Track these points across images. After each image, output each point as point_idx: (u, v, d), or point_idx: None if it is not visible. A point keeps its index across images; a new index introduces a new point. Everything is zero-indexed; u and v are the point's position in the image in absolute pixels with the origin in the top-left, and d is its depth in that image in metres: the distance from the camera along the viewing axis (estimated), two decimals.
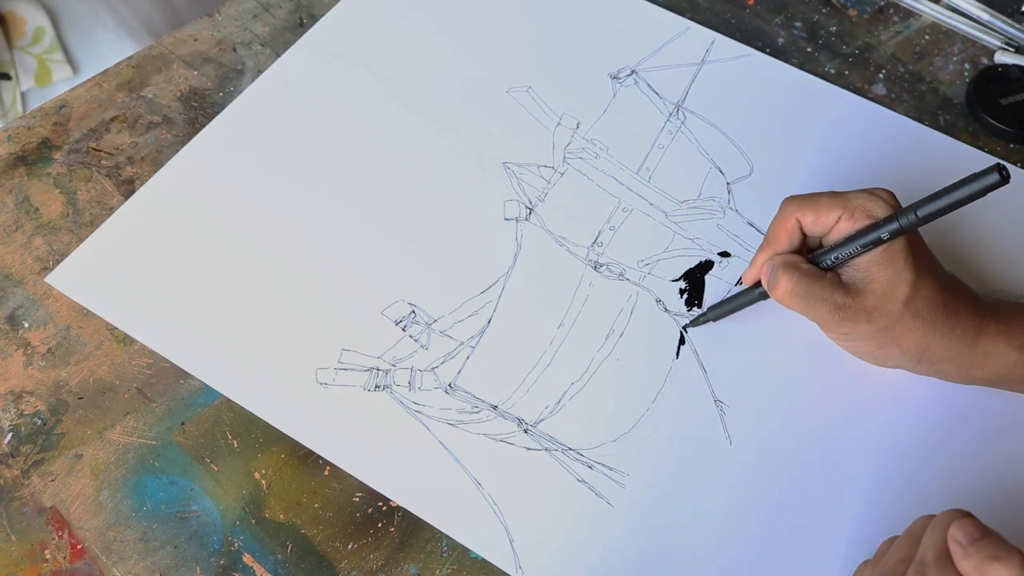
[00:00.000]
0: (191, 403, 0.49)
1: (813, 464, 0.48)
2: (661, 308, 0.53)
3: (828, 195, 0.46)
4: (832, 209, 0.45)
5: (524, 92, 0.61)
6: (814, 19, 0.65)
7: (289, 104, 0.60)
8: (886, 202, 0.44)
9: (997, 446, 0.48)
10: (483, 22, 0.64)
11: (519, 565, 0.45)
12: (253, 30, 0.64)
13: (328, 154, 0.58)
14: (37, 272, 0.53)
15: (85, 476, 0.47)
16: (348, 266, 0.54)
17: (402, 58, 0.62)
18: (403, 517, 0.47)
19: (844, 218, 0.45)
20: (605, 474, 0.48)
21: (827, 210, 0.45)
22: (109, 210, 0.55)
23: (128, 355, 0.51)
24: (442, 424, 0.49)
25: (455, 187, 0.57)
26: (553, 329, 0.52)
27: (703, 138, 0.59)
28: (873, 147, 0.59)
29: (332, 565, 0.45)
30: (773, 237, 0.47)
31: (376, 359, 0.50)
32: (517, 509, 0.46)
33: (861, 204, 0.45)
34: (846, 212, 0.45)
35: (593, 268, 0.54)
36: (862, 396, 0.50)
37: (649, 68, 0.62)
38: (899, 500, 0.47)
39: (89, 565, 0.45)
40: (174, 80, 0.61)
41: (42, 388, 0.50)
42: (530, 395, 0.50)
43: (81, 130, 0.59)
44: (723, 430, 0.49)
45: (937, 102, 0.61)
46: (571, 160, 0.58)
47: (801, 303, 0.45)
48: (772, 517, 0.47)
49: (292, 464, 0.48)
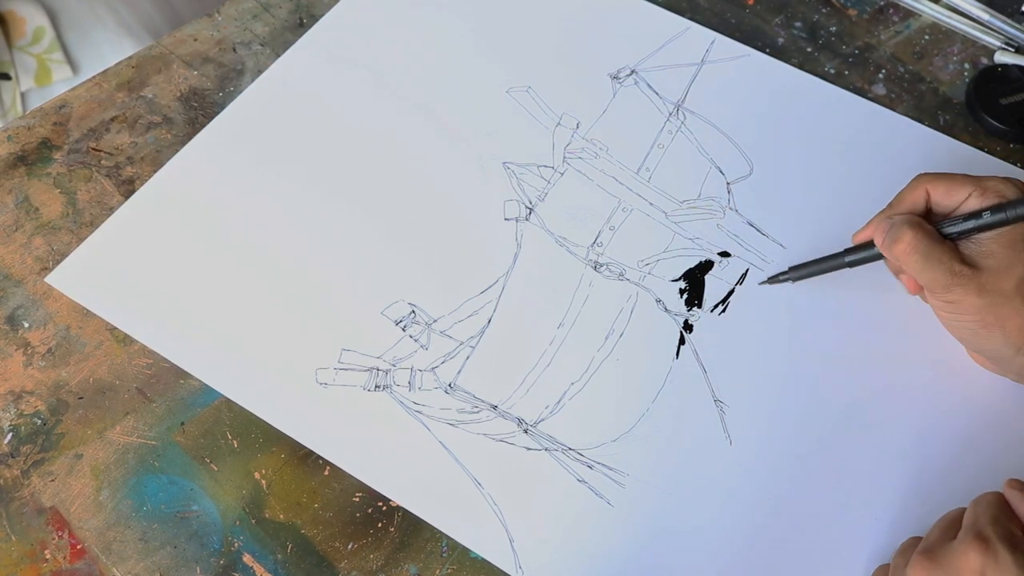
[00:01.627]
0: (191, 403, 0.49)
1: (813, 464, 0.48)
2: (661, 308, 0.53)
3: (963, 175, 0.47)
4: (965, 186, 0.46)
5: (524, 92, 0.61)
6: (814, 19, 0.65)
7: (289, 104, 0.60)
8: (1019, 187, 0.45)
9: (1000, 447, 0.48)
10: (483, 22, 0.64)
11: (519, 565, 0.45)
12: (253, 30, 0.64)
13: (328, 154, 0.58)
14: (37, 272, 0.53)
15: (85, 476, 0.47)
16: (348, 266, 0.54)
17: (402, 58, 0.62)
18: (403, 517, 0.47)
19: (975, 195, 0.45)
20: (605, 474, 0.48)
21: (960, 185, 0.46)
22: (109, 210, 0.55)
23: (128, 355, 0.51)
24: (442, 424, 0.49)
25: (455, 187, 0.57)
26: (553, 329, 0.52)
27: (703, 138, 0.59)
28: (873, 147, 0.58)
29: (332, 565, 0.45)
30: (897, 202, 0.48)
31: (376, 359, 0.50)
32: (517, 509, 0.46)
33: (994, 186, 0.45)
34: (977, 190, 0.45)
35: (593, 268, 0.54)
36: (862, 396, 0.50)
37: (649, 68, 0.62)
38: (900, 500, 0.47)
39: (89, 565, 0.45)
40: (174, 80, 0.61)
41: (42, 388, 0.50)
42: (530, 395, 0.50)
43: (81, 130, 0.59)
44: (723, 430, 0.49)
45: (937, 102, 0.61)
46: (571, 160, 0.58)
47: (919, 261, 0.45)
48: (772, 517, 0.47)
49: (292, 464, 0.48)
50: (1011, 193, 0.45)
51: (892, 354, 0.51)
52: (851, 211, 0.55)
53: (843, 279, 0.53)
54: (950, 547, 0.38)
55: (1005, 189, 0.45)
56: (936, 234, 0.46)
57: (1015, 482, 0.40)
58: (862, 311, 0.52)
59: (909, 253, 0.45)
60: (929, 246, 0.45)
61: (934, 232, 0.46)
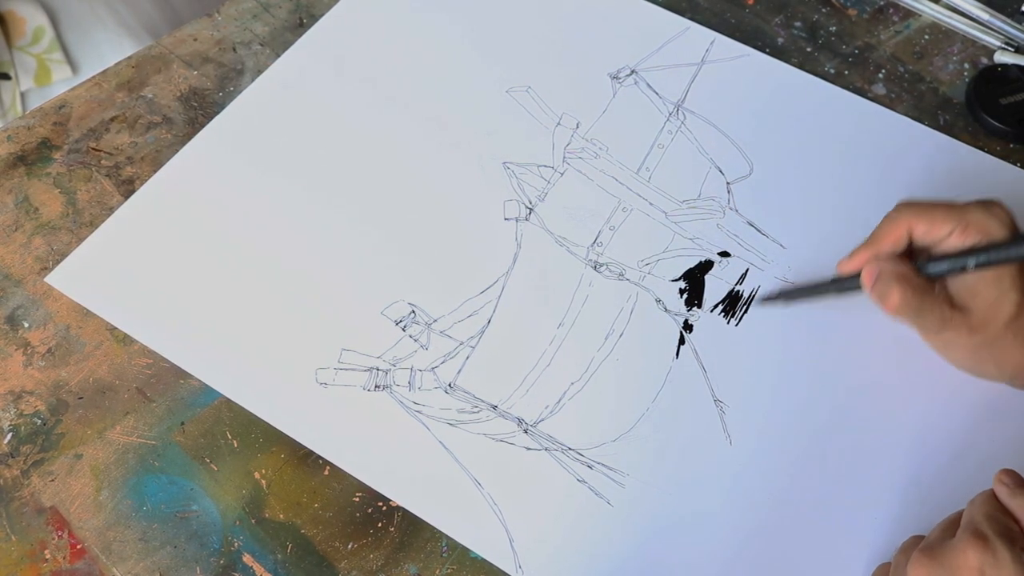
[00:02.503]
0: (191, 403, 0.49)
1: (813, 463, 0.48)
2: (661, 308, 0.53)
3: (944, 207, 0.46)
4: (947, 222, 0.45)
5: (524, 92, 0.61)
6: (814, 19, 0.65)
7: (289, 104, 0.60)
8: (1002, 222, 0.44)
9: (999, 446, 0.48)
10: (483, 22, 0.64)
11: (519, 565, 0.45)
12: (253, 30, 0.64)
13: (328, 153, 0.58)
14: (37, 272, 0.53)
15: (85, 476, 0.47)
16: (348, 266, 0.54)
17: (402, 57, 0.62)
18: (403, 517, 0.47)
19: (956, 233, 0.45)
20: (605, 474, 0.48)
21: (941, 223, 0.45)
22: (109, 210, 0.55)
23: (128, 355, 0.51)
24: (442, 424, 0.49)
25: (455, 187, 0.57)
26: (553, 329, 0.52)
27: (703, 138, 0.59)
28: (873, 147, 0.58)
29: (332, 565, 0.45)
30: (881, 237, 0.47)
31: (376, 359, 0.50)
32: (517, 509, 0.46)
33: (976, 221, 0.45)
34: (959, 227, 0.45)
35: (593, 268, 0.54)
36: (862, 396, 0.50)
37: (649, 68, 0.62)
38: (900, 499, 0.47)
39: (89, 565, 0.45)
40: (174, 80, 0.61)
41: (42, 388, 0.50)
42: (530, 395, 0.50)
43: (81, 130, 0.59)
44: (723, 430, 0.49)
45: (937, 102, 0.61)
46: (571, 160, 0.58)
47: (911, 315, 0.45)
48: (772, 517, 0.47)
49: (292, 464, 0.48)
50: (993, 228, 0.44)
51: (892, 354, 0.51)
52: (851, 211, 0.55)
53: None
54: (949, 545, 0.38)
55: (988, 224, 0.44)
56: (924, 285, 0.45)
57: (1004, 475, 0.40)
58: (862, 311, 0.52)
59: (900, 309, 0.45)
60: (920, 300, 0.45)
61: (921, 284, 0.45)
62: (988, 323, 0.45)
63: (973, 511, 0.39)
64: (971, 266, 0.44)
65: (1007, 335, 0.45)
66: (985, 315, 0.45)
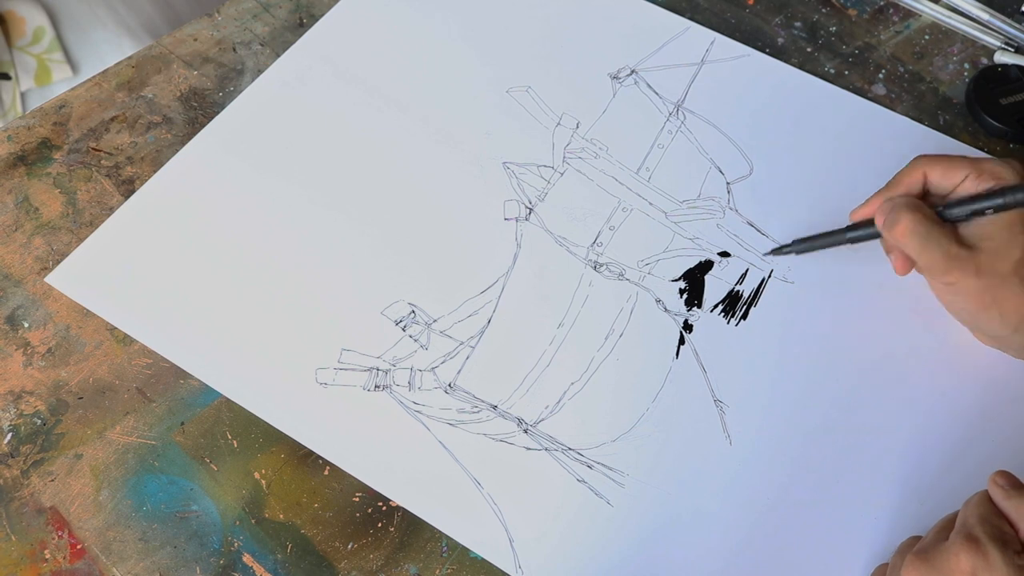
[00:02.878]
0: (191, 403, 0.49)
1: (812, 463, 0.48)
2: (661, 308, 0.53)
3: (960, 156, 0.47)
4: (962, 168, 0.46)
5: (524, 92, 0.61)
6: (814, 19, 0.65)
7: (289, 104, 0.60)
8: (1016, 170, 0.45)
9: (998, 446, 0.48)
10: (483, 22, 0.64)
11: (519, 565, 0.45)
12: (253, 30, 0.64)
13: (328, 153, 0.58)
14: (37, 272, 0.53)
15: (85, 476, 0.47)
16: (348, 266, 0.54)
17: (402, 57, 0.62)
18: (403, 517, 0.47)
19: (971, 178, 0.46)
20: (605, 474, 0.48)
21: (957, 168, 0.46)
22: (109, 210, 0.55)
23: (128, 355, 0.51)
24: (442, 424, 0.49)
25: (455, 187, 0.57)
26: (553, 329, 0.52)
27: (703, 138, 0.59)
28: (873, 147, 0.58)
29: (332, 565, 0.45)
30: (895, 183, 0.48)
31: (376, 359, 0.50)
32: (517, 509, 0.46)
33: (991, 168, 0.45)
34: (974, 172, 0.46)
35: (593, 268, 0.54)
36: (862, 396, 0.50)
37: (649, 68, 0.62)
38: (899, 499, 0.47)
39: (89, 565, 0.45)
40: (174, 80, 0.61)
41: (42, 388, 0.50)
42: (530, 395, 0.50)
43: (81, 130, 0.59)
44: (723, 430, 0.49)
45: (937, 102, 0.61)
46: (571, 160, 0.58)
47: (918, 243, 0.45)
48: (771, 516, 0.47)
49: (292, 464, 0.48)
50: (1008, 176, 0.45)
51: (892, 354, 0.51)
52: (850, 210, 0.55)
53: (843, 280, 0.53)
54: (942, 548, 0.38)
55: (1002, 172, 0.45)
56: (934, 216, 0.46)
57: (1000, 477, 0.40)
58: (862, 311, 0.52)
59: (908, 235, 0.45)
60: (928, 228, 0.45)
61: (932, 215, 0.46)
62: (996, 264, 0.44)
63: (967, 513, 0.39)
64: (984, 204, 0.45)
65: (1012, 279, 0.44)
66: (994, 256, 0.44)
